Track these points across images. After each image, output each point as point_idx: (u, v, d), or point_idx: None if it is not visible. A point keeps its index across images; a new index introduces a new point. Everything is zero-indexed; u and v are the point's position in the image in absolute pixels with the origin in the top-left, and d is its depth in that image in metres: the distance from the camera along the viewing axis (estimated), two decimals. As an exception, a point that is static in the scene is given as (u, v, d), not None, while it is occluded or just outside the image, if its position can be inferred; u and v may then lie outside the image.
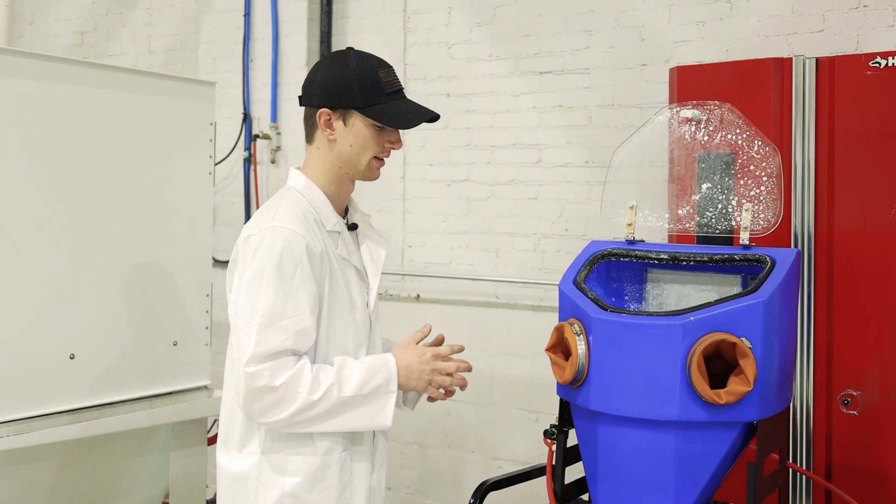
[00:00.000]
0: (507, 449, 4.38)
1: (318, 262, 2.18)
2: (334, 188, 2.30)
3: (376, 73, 2.23)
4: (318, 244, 2.19)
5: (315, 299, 2.16)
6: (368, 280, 2.34)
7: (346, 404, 2.14)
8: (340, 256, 2.26)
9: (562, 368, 2.35)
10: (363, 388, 2.15)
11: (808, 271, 3.04)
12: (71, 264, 3.10)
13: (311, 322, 2.14)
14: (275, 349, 2.10)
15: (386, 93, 2.23)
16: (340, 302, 2.24)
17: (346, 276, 2.27)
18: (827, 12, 3.62)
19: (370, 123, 2.22)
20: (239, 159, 4.96)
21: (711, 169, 2.55)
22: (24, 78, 2.98)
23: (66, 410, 3.08)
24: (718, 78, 3.21)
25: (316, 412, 2.12)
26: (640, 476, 2.25)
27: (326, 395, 2.12)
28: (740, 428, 2.22)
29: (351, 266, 2.29)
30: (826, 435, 3.02)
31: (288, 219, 2.17)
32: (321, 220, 2.25)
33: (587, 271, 2.47)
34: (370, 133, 2.23)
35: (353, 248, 2.33)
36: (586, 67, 4.15)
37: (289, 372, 2.10)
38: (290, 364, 2.11)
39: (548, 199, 4.26)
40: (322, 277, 2.19)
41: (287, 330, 2.11)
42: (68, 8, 5.88)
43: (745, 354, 2.14)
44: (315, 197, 2.28)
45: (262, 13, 4.91)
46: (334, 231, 2.27)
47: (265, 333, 2.10)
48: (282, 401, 2.10)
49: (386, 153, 2.29)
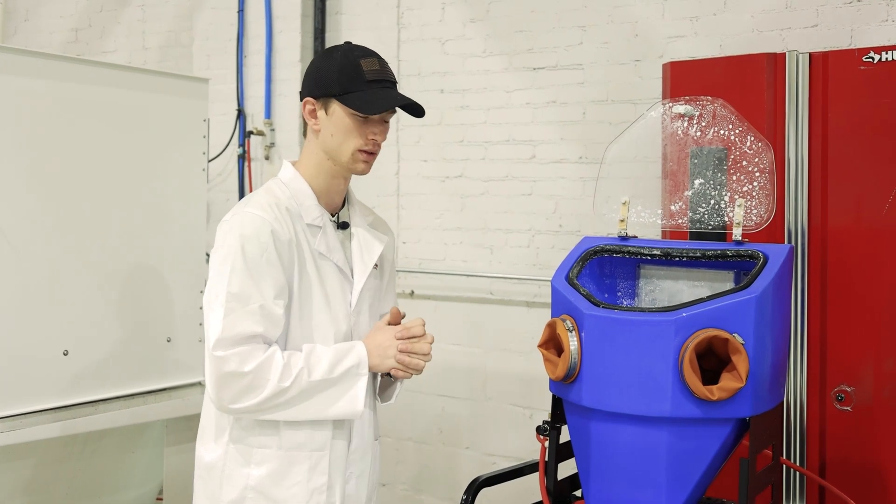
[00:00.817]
0: (501, 445, 4.38)
1: (286, 249, 2.17)
2: (321, 181, 2.28)
3: (358, 61, 2.21)
4: (287, 233, 2.18)
5: (281, 287, 2.15)
6: (353, 279, 2.31)
7: (315, 388, 2.13)
8: (318, 251, 2.24)
9: (554, 365, 2.35)
10: (332, 372, 2.14)
11: (802, 267, 3.03)
12: (64, 261, 3.10)
13: (278, 308, 2.13)
14: (242, 333, 2.09)
15: (365, 80, 2.19)
16: (313, 296, 2.23)
17: (323, 271, 2.25)
18: (821, 7, 3.61)
19: (350, 112, 2.19)
20: (233, 156, 4.96)
21: (704, 165, 2.54)
22: (16, 75, 2.97)
23: (60, 407, 3.08)
24: (712, 73, 3.20)
25: (286, 398, 2.11)
26: (633, 472, 2.24)
27: (297, 381, 2.11)
28: (733, 424, 2.22)
29: (330, 262, 2.27)
30: (820, 431, 3.02)
31: (258, 206, 2.19)
32: (301, 212, 2.24)
33: (580, 267, 2.47)
34: (351, 123, 2.20)
35: (336, 245, 2.29)
36: (580, 63, 4.15)
37: (258, 359, 2.09)
38: (260, 351, 2.10)
39: (542, 195, 4.26)
40: (290, 267, 2.18)
41: (254, 314, 2.10)
42: (63, 5, 5.86)
43: (738, 350, 2.14)
44: (298, 189, 2.27)
45: (256, 9, 4.90)
46: (314, 225, 2.25)
47: (232, 318, 2.09)
48: (252, 387, 2.09)
49: (370, 145, 2.23)
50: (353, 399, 2.17)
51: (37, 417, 3.01)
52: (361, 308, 2.33)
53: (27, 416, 2.98)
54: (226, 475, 2.22)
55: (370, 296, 2.37)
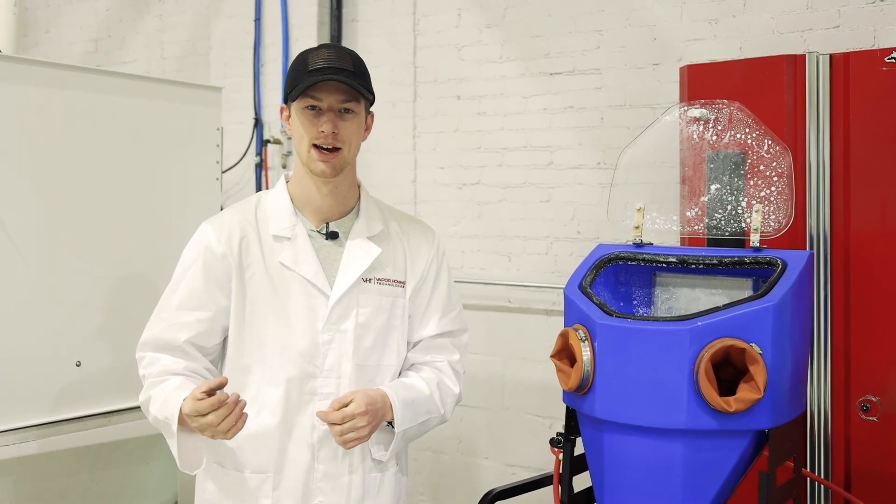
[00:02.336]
0: (520, 455, 4.32)
1: (220, 263, 2.16)
2: (301, 189, 2.22)
3: (307, 55, 2.15)
4: (223, 247, 2.15)
5: (201, 300, 2.16)
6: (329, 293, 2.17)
7: (155, 420, 2.10)
8: (281, 264, 2.16)
9: (567, 375, 2.30)
10: (160, 414, 2.07)
11: (825, 273, 2.96)
12: (78, 271, 3.09)
13: (187, 319, 2.15)
14: (151, 339, 2.17)
15: (307, 71, 2.10)
16: (259, 310, 2.15)
17: (283, 284, 2.16)
18: (843, 8, 3.54)
19: (299, 108, 2.13)
20: (250, 164, 4.95)
21: (721, 169, 2.48)
22: (35, 85, 2.99)
23: (73, 418, 3.08)
24: (730, 76, 3.14)
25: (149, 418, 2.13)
26: (648, 486, 2.19)
27: (145, 404, 2.13)
28: (751, 436, 2.16)
29: (296, 275, 2.16)
30: (844, 442, 2.94)
31: (214, 218, 2.25)
32: (269, 223, 2.19)
33: (593, 275, 2.41)
34: (302, 118, 2.13)
35: (307, 257, 2.17)
36: (597, 68, 4.09)
37: (153, 368, 2.14)
38: (164, 361, 2.14)
39: (560, 201, 4.21)
40: (224, 281, 2.16)
41: (164, 321, 2.17)
42: (83, 16, 5.90)
43: (755, 361, 2.07)
44: (275, 200, 2.23)
45: (273, 18, 4.89)
46: (280, 236, 2.18)
47: (151, 322, 2.20)
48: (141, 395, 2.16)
49: (320, 139, 2.10)
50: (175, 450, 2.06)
51: (49, 429, 3.00)
52: (345, 326, 2.17)
53: (40, 427, 2.98)
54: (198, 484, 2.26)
55: (366, 314, 2.19)
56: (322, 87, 2.09)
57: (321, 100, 2.11)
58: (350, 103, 2.13)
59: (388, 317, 2.24)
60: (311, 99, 2.11)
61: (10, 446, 2.89)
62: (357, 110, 2.16)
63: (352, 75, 2.11)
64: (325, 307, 2.17)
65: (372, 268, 2.21)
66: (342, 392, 2.14)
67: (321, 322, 2.16)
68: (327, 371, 2.17)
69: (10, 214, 2.91)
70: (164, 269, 3.31)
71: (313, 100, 2.11)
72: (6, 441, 2.89)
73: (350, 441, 2.06)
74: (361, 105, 2.17)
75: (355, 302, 2.19)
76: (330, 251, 2.21)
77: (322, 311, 2.17)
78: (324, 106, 2.11)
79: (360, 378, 2.18)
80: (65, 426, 3.04)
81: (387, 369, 2.24)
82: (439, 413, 2.29)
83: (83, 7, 5.89)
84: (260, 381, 2.15)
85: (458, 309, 2.39)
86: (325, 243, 2.21)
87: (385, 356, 2.24)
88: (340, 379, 2.17)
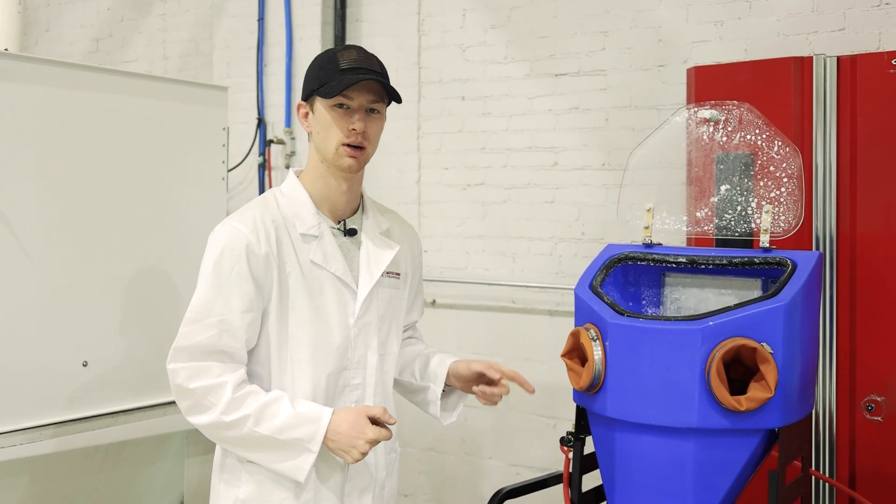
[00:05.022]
0: (525, 455, 4.33)
1: (262, 263, 2.13)
2: (320, 186, 2.24)
3: (335, 54, 2.18)
4: (265, 246, 2.13)
5: (252, 301, 2.12)
6: (357, 289, 2.24)
7: (260, 441, 2.06)
8: (312, 262, 2.19)
9: (578, 374, 2.31)
10: (281, 434, 2.05)
11: (831, 274, 2.97)
12: (84, 271, 3.09)
13: (239, 322, 2.10)
14: (197, 345, 2.08)
15: (339, 69, 2.14)
16: (297, 309, 2.17)
17: (316, 282, 2.18)
18: (848, 10, 3.55)
19: (328, 105, 2.16)
20: (254, 165, 4.94)
21: (730, 170, 2.50)
22: (37, 84, 2.98)
23: (80, 418, 3.08)
24: (737, 78, 3.15)
25: (229, 435, 2.07)
26: (659, 484, 2.20)
27: (240, 423, 2.05)
28: (761, 435, 2.17)
29: (326, 272, 2.20)
30: (850, 442, 2.95)
31: (241, 218, 2.17)
32: (294, 222, 2.20)
33: (603, 275, 2.43)
34: (330, 116, 2.16)
35: (335, 254, 2.22)
36: (602, 69, 4.10)
37: (207, 380, 2.06)
38: (213, 372, 2.07)
39: (564, 202, 4.22)
40: (266, 281, 2.14)
41: (212, 327, 2.09)
42: (84, 15, 5.89)
43: (766, 360, 2.09)
44: (294, 198, 2.24)
45: (276, 18, 4.89)
46: (308, 234, 2.20)
47: (190, 328, 2.10)
48: (197, 406, 2.07)
49: (352, 137, 2.15)
50: (296, 469, 2.08)
51: (56, 429, 3.00)
52: (368, 319, 2.26)
53: (47, 427, 2.98)
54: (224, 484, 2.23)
55: (383, 306, 2.30)
56: (355, 86, 2.14)
57: (353, 99, 2.15)
58: (378, 104, 2.20)
59: (396, 308, 2.37)
60: (343, 98, 2.15)
61: (17, 447, 2.89)
62: (382, 111, 2.22)
63: (383, 77, 2.19)
64: (353, 302, 2.23)
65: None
66: (369, 382, 2.25)
67: (352, 317, 2.23)
68: (356, 363, 2.25)
69: (16, 215, 2.91)
70: (171, 269, 3.34)
71: (346, 98, 2.15)
72: (14, 441, 2.89)
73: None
74: (384, 106, 2.23)
75: (376, 296, 2.28)
76: (349, 248, 2.28)
77: (352, 307, 2.23)
78: (354, 105, 2.16)
79: (379, 367, 2.28)
80: (72, 426, 3.04)
81: (392, 356, 2.36)
82: None
83: (84, 6, 5.89)
84: (299, 377, 2.18)
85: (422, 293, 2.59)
86: (344, 240, 2.27)
87: (391, 343, 2.35)
88: (366, 370, 2.26)
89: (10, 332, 2.89)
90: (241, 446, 2.11)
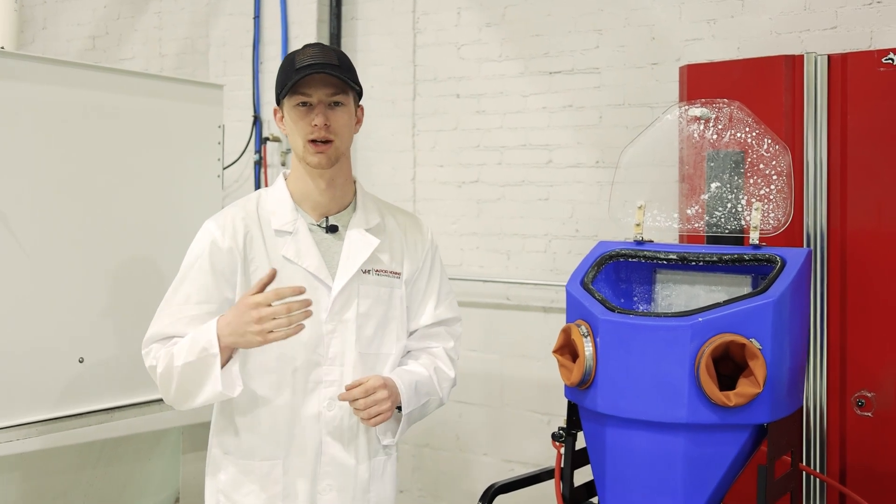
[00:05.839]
0: (519, 451, 4.35)
1: (227, 257, 2.21)
2: (301, 185, 2.29)
3: (294, 55, 2.23)
4: (229, 241, 2.22)
5: (209, 293, 2.21)
6: (331, 285, 2.24)
7: (182, 373, 2.14)
8: (284, 257, 2.22)
9: (569, 370, 2.33)
10: (189, 355, 2.12)
11: (821, 271, 3.00)
12: (80, 267, 3.10)
13: (194, 312, 2.19)
14: (157, 333, 2.22)
15: (295, 69, 2.18)
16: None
17: (287, 278, 2.18)
18: (840, 9, 3.57)
19: (290, 105, 2.20)
20: (249, 162, 4.96)
21: (721, 168, 2.52)
22: (33, 82, 2.99)
23: (76, 414, 3.09)
24: (729, 76, 3.17)
25: (173, 386, 2.17)
26: (649, 479, 2.22)
27: (169, 371, 2.16)
28: (750, 430, 2.19)
29: (299, 268, 2.22)
30: (840, 437, 2.97)
31: (217, 216, 2.29)
32: (270, 219, 2.25)
33: (595, 272, 2.45)
34: (295, 115, 2.20)
35: (309, 250, 2.23)
36: (596, 67, 4.12)
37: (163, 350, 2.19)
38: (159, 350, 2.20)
39: (558, 199, 4.23)
40: (230, 275, 2.22)
41: (170, 316, 2.22)
42: (80, 13, 5.90)
43: (755, 356, 2.11)
44: (276, 197, 2.30)
45: (272, 16, 4.91)
46: (282, 230, 2.24)
47: (157, 317, 2.25)
48: (155, 380, 2.21)
49: (314, 133, 2.17)
50: (214, 381, 2.10)
51: (52, 425, 3.01)
52: (347, 316, 2.25)
53: (43, 423, 2.99)
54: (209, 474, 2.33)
55: (366, 303, 2.28)
56: (310, 82, 2.17)
57: (311, 95, 2.18)
58: (339, 96, 2.21)
59: (388, 307, 2.34)
60: (301, 95, 2.19)
61: (13, 442, 2.90)
62: (346, 102, 2.24)
63: (337, 69, 2.19)
64: (327, 298, 2.24)
65: (371, 259, 2.30)
66: (346, 379, 2.23)
67: (325, 312, 2.24)
68: (331, 359, 2.25)
69: (11, 210, 2.92)
70: (167, 266, 3.35)
71: (303, 96, 2.18)
72: (9, 437, 2.90)
73: (374, 416, 2.16)
74: (350, 97, 2.25)
75: (356, 293, 2.28)
76: (330, 244, 2.29)
77: (325, 302, 2.24)
78: (314, 101, 2.19)
79: (363, 366, 2.27)
80: (68, 422, 3.05)
81: (386, 357, 2.33)
82: (438, 396, 2.38)
83: (81, 4, 5.89)
84: (263, 370, 2.23)
85: (451, 298, 2.51)
86: (325, 237, 2.29)
87: (385, 344, 2.33)
88: (344, 367, 2.26)
89: (6, 327, 2.90)
90: (183, 391, 2.17)
